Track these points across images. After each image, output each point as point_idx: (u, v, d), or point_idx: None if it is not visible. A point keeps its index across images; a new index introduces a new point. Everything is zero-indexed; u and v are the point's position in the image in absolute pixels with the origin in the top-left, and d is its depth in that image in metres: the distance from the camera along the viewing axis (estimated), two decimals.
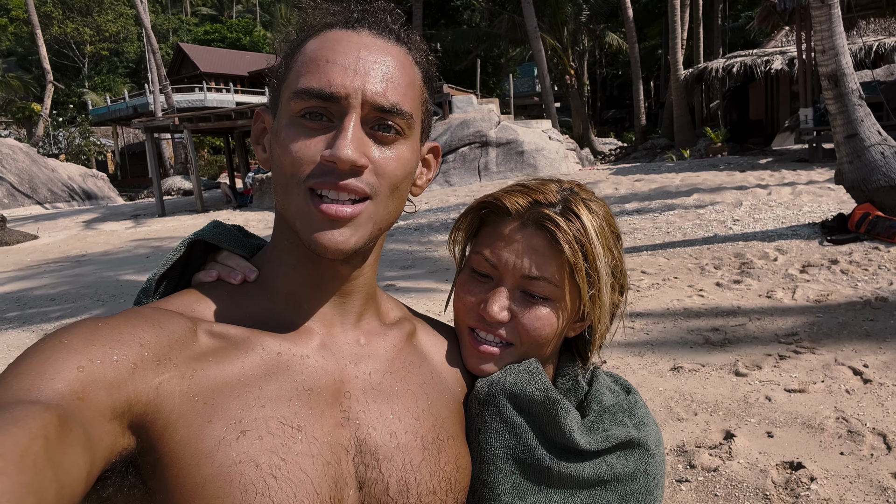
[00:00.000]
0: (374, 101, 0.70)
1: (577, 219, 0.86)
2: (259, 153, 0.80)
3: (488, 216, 0.92)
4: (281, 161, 0.72)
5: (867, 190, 7.01)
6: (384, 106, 0.70)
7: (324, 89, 0.69)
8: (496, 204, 0.90)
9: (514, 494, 0.80)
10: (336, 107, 0.70)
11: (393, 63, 0.73)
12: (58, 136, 36.42)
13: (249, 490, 0.64)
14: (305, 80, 0.70)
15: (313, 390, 0.73)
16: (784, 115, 18.84)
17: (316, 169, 0.69)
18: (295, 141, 0.70)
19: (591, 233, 0.86)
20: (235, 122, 18.67)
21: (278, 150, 0.72)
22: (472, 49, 28.27)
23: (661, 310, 5.52)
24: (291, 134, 0.71)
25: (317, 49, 0.72)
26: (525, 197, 0.88)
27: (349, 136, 0.68)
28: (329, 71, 0.69)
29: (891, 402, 3.47)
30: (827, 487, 2.74)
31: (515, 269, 0.87)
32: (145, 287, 0.81)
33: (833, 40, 7.03)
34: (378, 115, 0.71)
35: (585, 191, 0.93)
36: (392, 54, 0.73)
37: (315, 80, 0.69)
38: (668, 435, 3.34)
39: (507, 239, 0.88)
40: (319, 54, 0.71)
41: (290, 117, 0.71)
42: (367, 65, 0.70)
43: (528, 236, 0.87)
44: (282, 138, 0.72)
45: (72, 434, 0.51)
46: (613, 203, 11.10)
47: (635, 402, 0.89)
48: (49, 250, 14.10)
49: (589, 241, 0.86)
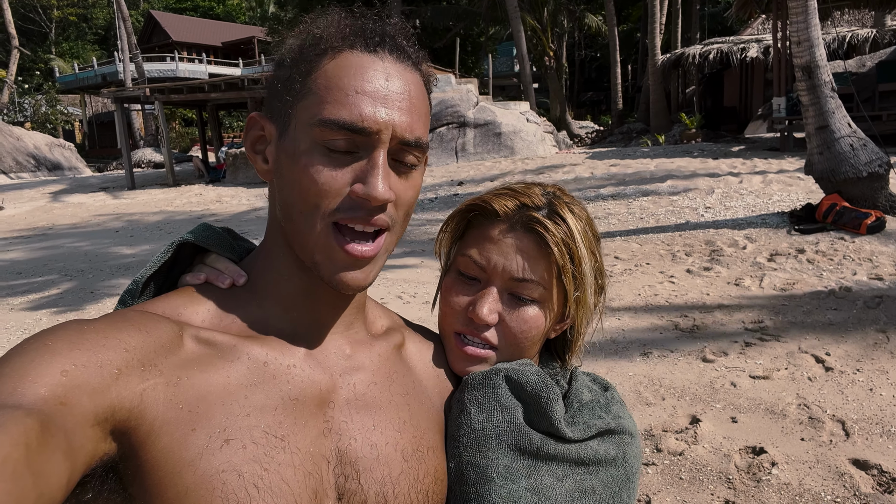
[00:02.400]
0: (402, 137, 0.70)
1: (563, 222, 0.88)
2: (259, 164, 0.77)
3: (475, 218, 0.93)
4: (301, 187, 0.70)
5: (835, 181, 7.16)
6: (410, 141, 0.71)
7: (356, 123, 0.68)
8: (484, 207, 0.90)
9: (507, 478, 0.80)
10: (365, 140, 0.69)
11: (415, 91, 0.72)
12: (23, 104, 35.33)
13: (231, 499, 0.64)
14: (334, 110, 0.68)
15: (298, 400, 0.73)
16: (758, 102, 19.08)
17: (344, 203, 0.69)
18: (320, 171, 0.69)
19: (577, 235, 0.88)
20: (209, 94, 18.29)
21: (298, 174, 0.70)
22: (452, 27, 27.99)
23: (632, 295, 5.60)
24: (315, 162, 0.69)
25: (342, 75, 0.70)
26: (513, 200, 0.89)
27: (381, 173, 0.68)
28: (360, 103, 0.68)
29: (850, 389, 3.59)
30: (787, 472, 2.84)
31: (504, 272, 0.88)
32: (131, 288, 0.79)
33: (808, 32, 7.12)
34: (401, 149, 0.71)
35: (567, 195, 0.94)
36: (413, 83, 0.73)
37: (346, 111, 0.68)
38: (637, 419, 3.42)
39: (496, 241, 0.89)
40: (347, 83, 0.69)
41: (312, 143, 0.69)
42: (394, 97, 0.70)
43: (517, 238, 0.88)
44: (302, 164, 0.70)
45: (53, 440, 0.51)
46: (589, 188, 11.18)
47: (611, 398, 0.91)
48: (14, 222, 13.76)
49: (575, 243, 0.88)
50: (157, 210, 14.18)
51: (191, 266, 0.83)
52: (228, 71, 38.27)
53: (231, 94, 17.91)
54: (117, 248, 9.71)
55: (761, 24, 20.91)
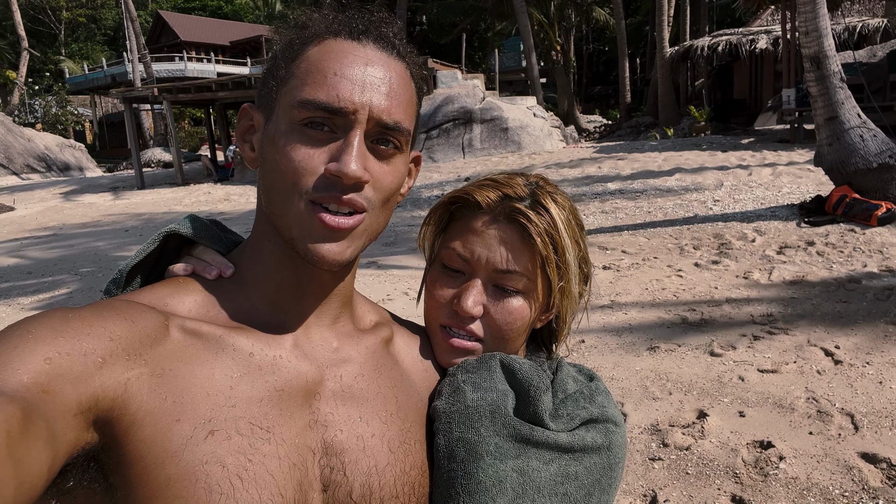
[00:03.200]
0: (379, 118, 0.71)
1: (546, 212, 0.88)
2: (246, 152, 0.79)
3: (458, 211, 0.93)
4: (279, 168, 0.71)
5: (845, 172, 7.09)
6: (388, 123, 0.71)
7: (332, 103, 0.69)
8: (467, 199, 0.90)
9: (496, 456, 0.80)
10: (342, 120, 0.70)
11: (396, 79, 0.74)
12: (34, 105, 35.63)
13: (214, 491, 0.63)
14: (312, 91, 0.70)
15: (284, 391, 0.73)
16: (767, 94, 18.94)
17: (319, 181, 0.70)
18: (297, 150, 0.70)
19: (560, 225, 0.88)
20: (216, 93, 18.34)
21: (276, 155, 0.72)
22: (458, 22, 27.92)
23: (639, 289, 5.58)
24: (293, 141, 0.71)
25: (322, 59, 0.72)
26: (495, 191, 0.89)
27: (355, 151, 0.69)
28: (337, 84, 0.70)
29: (860, 383, 3.55)
30: (795, 466, 2.82)
31: (488, 263, 0.88)
32: (116, 278, 0.79)
33: (817, 22, 7.05)
34: (381, 131, 0.72)
35: (550, 184, 0.94)
36: (395, 70, 0.74)
37: (323, 92, 0.69)
38: (643, 414, 3.40)
39: (479, 233, 0.89)
40: (326, 65, 0.71)
41: (290, 124, 0.71)
42: (373, 81, 0.71)
43: (501, 230, 0.88)
44: (281, 144, 0.71)
45: (34, 428, 0.50)
46: (596, 182, 11.13)
47: (596, 389, 0.91)
48: (26, 222, 13.88)
49: (558, 233, 0.88)
50: (166, 209, 14.26)
51: (178, 258, 0.83)
52: (237, 70, 38.41)
53: (238, 93, 17.96)
54: (127, 248, 9.77)
55: (770, 15, 20.71)
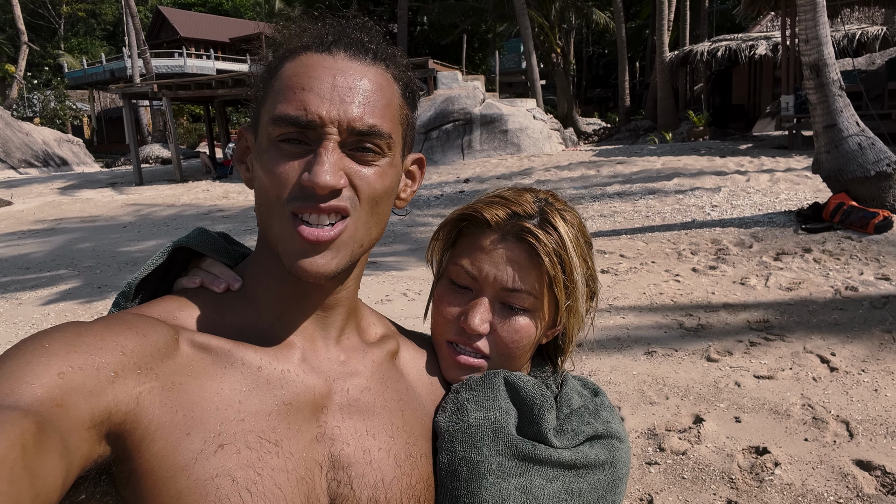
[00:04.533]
0: (350, 127, 0.71)
1: (554, 231, 0.88)
2: (243, 172, 0.81)
3: (467, 227, 0.93)
4: (263, 183, 0.73)
5: (843, 180, 7.11)
6: (361, 130, 0.72)
7: (300, 117, 0.70)
8: (475, 216, 0.91)
9: (499, 475, 0.80)
10: (314, 133, 0.71)
11: (369, 85, 0.73)
12: (32, 99, 35.53)
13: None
14: (283, 107, 0.71)
15: (292, 405, 0.74)
16: (766, 100, 18.97)
17: (297, 191, 0.71)
18: (276, 165, 0.72)
19: (569, 244, 0.89)
20: (216, 90, 18.31)
21: (261, 171, 0.74)
22: (459, 23, 27.92)
23: (637, 294, 5.60)
24: (272, 157, 0.72)
25: (292, 74, 0.73)
26: (504, 209, 0.89)
27: (325, 161, 0.69)
28: (304, 98, 0.71)
29: (855, 390, 3.58)
30: (790, 472, 2.84)
31: (496, 282, 0.88)
32: (125, 290, 0.80)
33: (817, 30, 7.07)
34: (356, 139, 0.72)
35: (559, 201, 0.94)
36: (368, 76, 0.74)
37: (291, 107, 0.71)
38: (640, 418, 3.42)
39: (488, 251, 0.89)
40: (296, 81, 0.72)
41: (269, 141, 0.73)
42: (342, 92, 0.71)
43: (509, 248, 0.88)
44: (264, 161, 0.73)
45: (49, 442, 0.51)
46: (595, 185, 11.16)
47: (601, 404, 0.92)
48: (23, 217, 13.84)
49: (567, 252, 0.88)
50: (164, 205, 14.23)
51: (186, 270, 0.84)
52: (236, 67, 38.25)
53: (238, 90, 17.91)
54: (125, 244, 9.76)
55: (770, 21, 20.77)
